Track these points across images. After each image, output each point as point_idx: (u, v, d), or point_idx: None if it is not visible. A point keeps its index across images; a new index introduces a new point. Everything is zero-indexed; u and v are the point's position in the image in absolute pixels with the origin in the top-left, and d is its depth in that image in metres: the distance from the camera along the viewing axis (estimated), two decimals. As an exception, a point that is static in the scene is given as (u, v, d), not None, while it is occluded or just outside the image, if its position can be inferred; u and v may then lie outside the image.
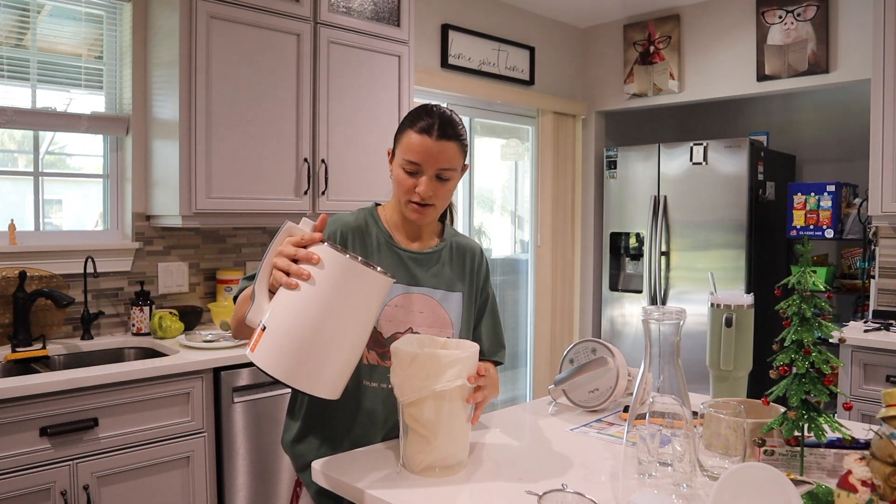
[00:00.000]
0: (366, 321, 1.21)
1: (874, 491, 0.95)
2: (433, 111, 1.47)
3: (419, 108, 1.49)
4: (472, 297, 1.61)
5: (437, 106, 1.50)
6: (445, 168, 1.45)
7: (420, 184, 1.44)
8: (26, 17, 2.63)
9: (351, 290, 1.17)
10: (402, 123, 1.50)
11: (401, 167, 1.46)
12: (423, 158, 1.43)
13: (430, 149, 1.43)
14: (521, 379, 4.62)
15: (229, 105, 2.67)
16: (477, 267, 1.64)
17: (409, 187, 1.46)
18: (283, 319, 1.16)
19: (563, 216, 4.54)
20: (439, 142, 1.43)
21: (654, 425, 1.17)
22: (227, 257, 3.06)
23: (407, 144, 1.44)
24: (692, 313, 1.85)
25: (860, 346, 2.92)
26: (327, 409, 1.48)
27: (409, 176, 1.45)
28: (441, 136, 1.43)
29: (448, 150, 1.45)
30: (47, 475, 2.01)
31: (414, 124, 1.45)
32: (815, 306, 1.17)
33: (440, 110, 1.47)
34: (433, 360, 1.24)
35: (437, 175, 1.45)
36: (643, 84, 4.38)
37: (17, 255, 2.53)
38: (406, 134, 1.45)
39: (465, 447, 1.33)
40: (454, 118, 1.48)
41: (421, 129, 1.43)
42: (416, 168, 1.44)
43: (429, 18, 3.77)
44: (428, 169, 1.44)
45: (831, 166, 4.38)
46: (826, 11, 3.66)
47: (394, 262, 1.52)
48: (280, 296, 1.19)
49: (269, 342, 1.15)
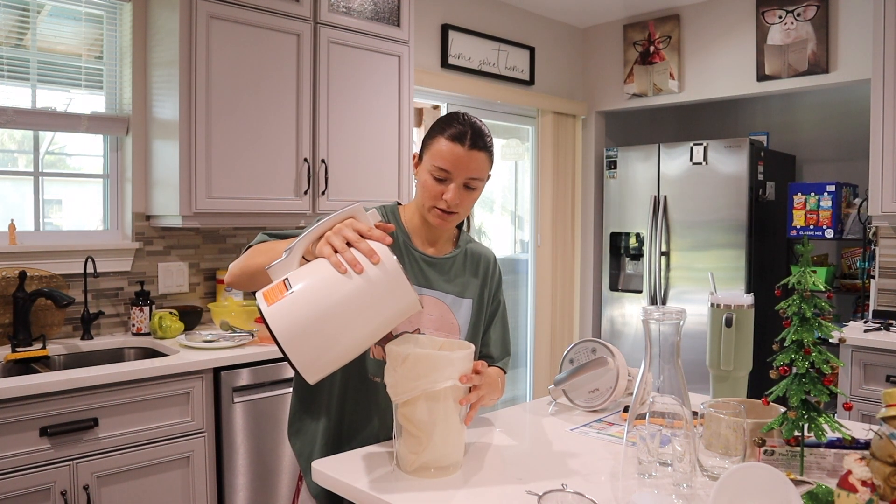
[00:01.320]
0: (382, 332, 1.21)
1: (874, 491, 0.95)
2: (465, 120, 1.48)
3: (450, 116, 1.50)
4: (482, 304, 1.62)
5: (467, 115, 1.51)
6: (474, 178, 1.47)
7: (448, 191, 1.45)
8: (26, 17, 2.63)
9: (388, 304, 1.17)
10: (432, 129, 1.50)
11: (429, 173, 1.47)
12: (453, 166, 1.44)
13: (462, 157, 1.44)
14: (521, 379, 4.62)
15: (229, 105, 2.67)
16: (491, 275, 1.66)
17: (436, 193, 1.46)
18: (313, 293, 1.13)
19: (563, 216, 4.54)
20: (471, 151, 1.44)
21: (654, 425, 1.17)
22: (227, 257, 3.06)
23: (438, 151, 1.45)
24: (692, 313, 1.85)
25: (860, 346, 2.92)
26: (336, 402, 1.49)
27: (437, 182, 1.46)
28: (473, 145, 1.45)
29: (478, 160, 1.46)
30: (47, 475, 2.01)
31: (446, 132, 1.45)
32: (815, 306, 1.17)
33: (471, 119, 1.49)
34: (425, 359, 1.24)
35: (465, 184, 1.46)
36: (643, 84, 4.38)
37: (17, 255, 2.53)
38: (437, 140, 1.46)
39: (460, 448, 1.32)
40: (484, 129, 1.49)
41: (453, 137, 1.44)
42: (446, 175, 1.45)
43: (429, 18, 3.77)
44: (457, 177, 1.45)
45: (831, 166, 4.38)
46: (826, 11, 3.66)
47: (409, 263, 1.53)
48: (320, 269, 1.16)
49: (288, 305, 1.12)
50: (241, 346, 2.50)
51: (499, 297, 1.69)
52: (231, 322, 2.76)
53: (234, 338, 2.57)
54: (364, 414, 1.50)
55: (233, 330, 2.71)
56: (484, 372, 1.37)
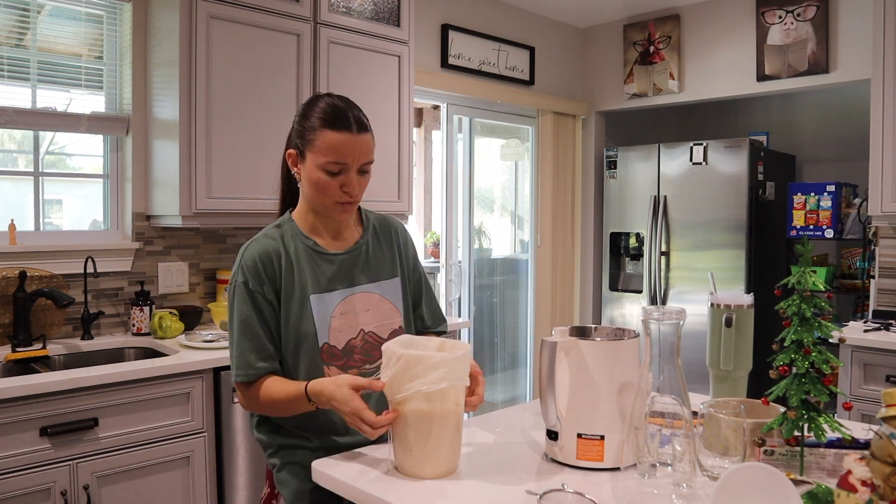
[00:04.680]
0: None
1: (874, 491, 0.95)
2: (338, 103, 1.42)
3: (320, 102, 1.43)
4: (405, 276, 1.60)
5: (332, 95, 1.45)
6: (368, 161, 1.44)
7: (347, 182, 1.41)
8: (26, 17, 2.63)
9: None
10: (306, 121, 1.43)
11: (321, 168, 1.41)
12: (347, 156, 1.40)
13: (353, 145, 1.40)
14: (521, 379, 4.62)
15: (229, 105, 2.67)
16: (403, 244, 1.62)
17: (333, 188, 1.42)
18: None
19: (563, 216, 4.54)
20: (359, 135, 1.41)
21: (654, 425, 1.17)
22: (227, 257, 3.06)
23: (326, 144, 1.39)
24: (692, 313, 1.85)
25: (860, 346, 2.92)
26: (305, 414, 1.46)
27: (332, 177, 1.41)
28: (360, 129, 1.41)
29: (367, 142, 1.43)
30: (47, 475, 2.01)
31: (327, 122, 1.40)
32: (815, 306, 1.16)
33: (345, 101, 1.43)
34: (419, 360, 1.23)
35: (359, 169, 1.43)
36: (643, 84, 4.38)
37: (17, 255, 2.53)
38: (321, 134, 1.40)
39: (455, 451, 1.31)
40: (358, 107, 1.45)
41: (337, 125, 1.39)
42: (341, 167, 1.41)
43: (429, 18, 3.77)
44: (353, 165, 1.41)
45: (831, 166, 4.38)
46: (826, 11, 3.66)
47: (329, 269, 1.49)
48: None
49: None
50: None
51: (417, 269, 1.65)
52: (231, 322, 2.75)
53: (234, 338, 2.56)
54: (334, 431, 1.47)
55: (233, 330, 2.71)
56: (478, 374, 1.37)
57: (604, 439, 1.28)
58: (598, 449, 1.28)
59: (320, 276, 1.48)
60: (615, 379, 1.29)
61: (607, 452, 1.28)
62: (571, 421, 1.30)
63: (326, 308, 1.47)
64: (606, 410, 1.28)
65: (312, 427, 1.47)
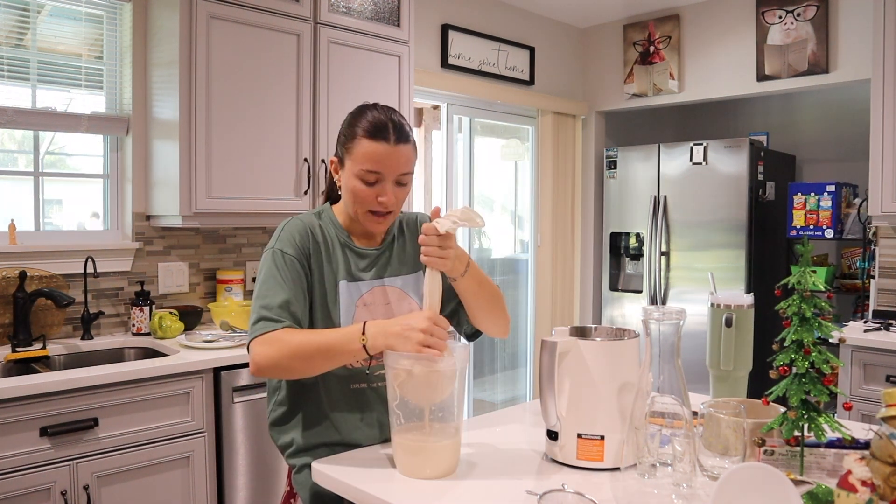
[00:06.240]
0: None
1: (874, 491, 0.95)
2: (382, 113, 1.42)
3: (365, 112, 1.43)
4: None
5: (378, 105, 1.45)
6: (405, 173, 1.43)
7: (383, 192, 1.41)
8: (26, 17, 2.63)
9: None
10: (348, 129, 1.44)
11: (357, 177, 1.41)
12: (382, 166, 1.39)
13: (390, 155, 1.39)
14: (521, 379, 4.62)
15: (229, 105, 2.67)
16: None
17: (369, 198, 1.42)
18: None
19: (563, 216, 4.54)
20: (397, 146, 1.40)
21: (654, 425, 1.17)
22: (228, 257, 3.06)
23: (363, 154, 1.39)
24: (692, 313, 1.85)
25: (860, 346, 2.92)
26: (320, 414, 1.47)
27: (367, 186, 1.41)
28: (398, 140, 1.40)
29: (406, 154, 1.42)
30: (47, 475, 2.01)
31: (367, 131, 1.40)
32: (815, 306, 1.16)
33: (389, 112, 1.43)
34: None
35: (396, 181, 1.42)
36: (643, 84, 4.38)
37: (17, 255, 2.53)
38: (359, 142, 1.40)
39: (455, 451, 1.31)
40: (403, 118, 1.45)
41: (376, 135, 1.39)
42: (377, 177, 1.40)
43: (429, 18, 3.76)
44: (388, 176, 1.41)
45: (831, 166, 4.38)
46: (826, 11, 3.66)
47: (359, 262, 1.51)
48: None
49: None
50: (241, 346, 2.49)
51: None
52: (231, 322, 2.76)
53: (234, 338, 2.57)
54: (355, 419, 1.48)
55: (233, 330, 2.71)
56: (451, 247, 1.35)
57: (604, 439, 1.28)
58: (598, 449, 1.28)
59: (351, 266, 1.49)
60: (615, 379, 1.29)
61: (607, 452, 1.28)
62: (571, 421, 1.30)
63: (352, 297, 1.48)
64: (606, 410, 1.28)
65: (331, 428, 1.47)
